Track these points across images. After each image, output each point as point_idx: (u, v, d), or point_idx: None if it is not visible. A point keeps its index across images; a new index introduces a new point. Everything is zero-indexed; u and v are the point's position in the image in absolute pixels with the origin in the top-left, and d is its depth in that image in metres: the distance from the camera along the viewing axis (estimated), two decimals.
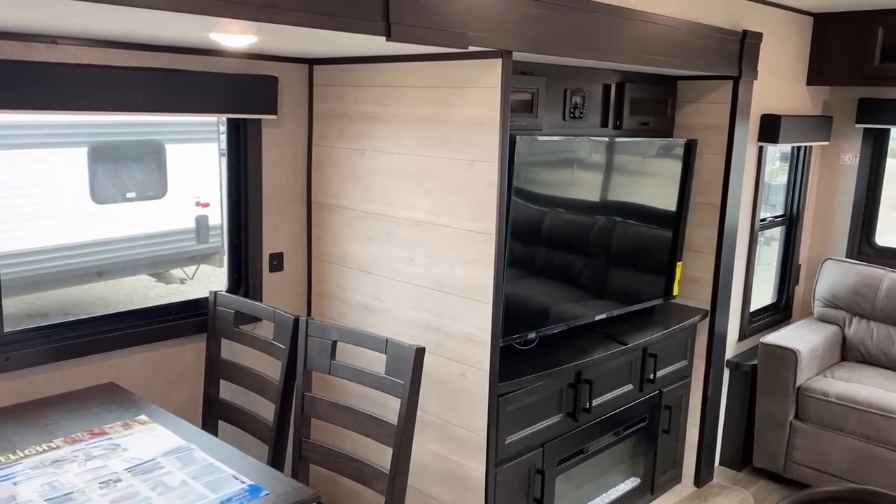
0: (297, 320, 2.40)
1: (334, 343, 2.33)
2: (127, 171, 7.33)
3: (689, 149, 3.31)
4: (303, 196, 2.96)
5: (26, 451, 2.00)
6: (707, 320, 3.44)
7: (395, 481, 2.14)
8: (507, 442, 2.57)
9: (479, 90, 2.32)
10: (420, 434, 2.66)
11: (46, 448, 2.02)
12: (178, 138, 7.59)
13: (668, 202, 3.30)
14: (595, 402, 2.93)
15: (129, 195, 7.38)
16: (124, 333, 2.54)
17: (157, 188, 7.61)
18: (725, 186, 3.34)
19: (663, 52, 2.80)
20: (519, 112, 2.69)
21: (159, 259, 7.79)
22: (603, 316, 3.08)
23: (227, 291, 2.80)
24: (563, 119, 2.95)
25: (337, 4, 1.83)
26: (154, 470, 1.92)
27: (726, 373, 3.69)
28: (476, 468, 2.51)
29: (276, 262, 2.92)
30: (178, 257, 7.94)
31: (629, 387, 3.11)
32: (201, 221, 7.94)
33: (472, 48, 2.18)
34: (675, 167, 3.28)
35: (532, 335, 2.79)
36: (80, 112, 2.30)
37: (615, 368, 3.01)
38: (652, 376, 3.19)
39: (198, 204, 7.86)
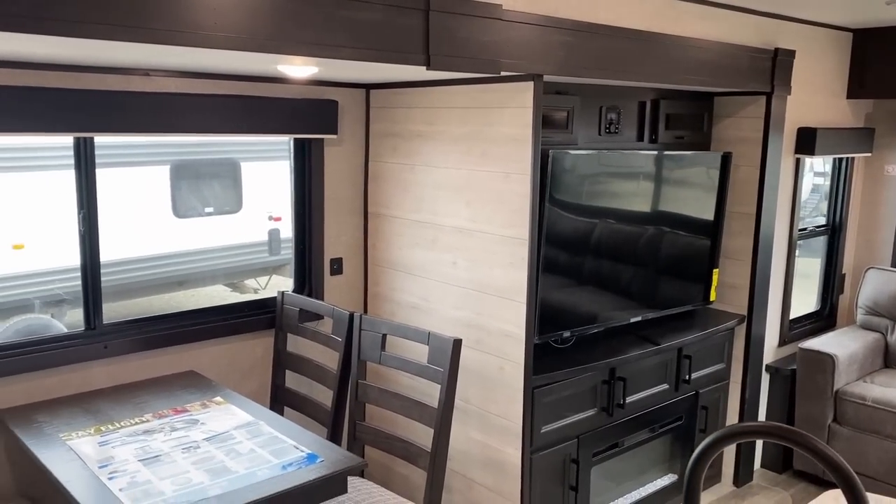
0: (352, 315, 2.70)
1: (384, 336, 2.62)
2: (206, 187, 7.87)
3: (725, 161, 3.48)
4: (360, 207, 3.27)
5: (122, 423, 2.35)
6: (744, 325, 3.59)
7: (436, 458, 2.40)
8: (542, 431, 2.80)
9: (514, 110, 2.59)
10: (463, 423, 2.91)
11: (138, 421, 2.37)
12: (253, 156, 8.10)
13: (705, 212, 3.47)
14: (629, 398, 3.12)
15: (207, 210, 7.91)
16: (203, 328, 2.89)
17: (233, 203, 8.12)
18: (760, 197, 3.50)
19: (693, 72, 3.00)
20: (554, 128, 2.94)
21: (235, 270, 8.30)
22: (638, 318, 3.27)
23: (293, 291, 3.12)
24: (599, 134, 3.18)
25: (383, 40, 2.13)
26: (227, 440, 2.24)
27: (766, 377, 3.81)
28: (513, 454, 2.75)
29: (336, 266, 3.24)
30: (251, 268, 8.43)
31: (664, 386, 3.29)
32: (274, 234, 8.42)
33: (505, 73, 2.45)
34: (712, 178, 3.46)
35: (567, 334, 3.01)
36: (169, 134, 2.66)
37: (649, 368, 3.19)
38: (687, 377, 3.36)
39: (270, 218, 8.34)
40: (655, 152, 3.23)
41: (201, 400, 2.55)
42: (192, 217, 7.72)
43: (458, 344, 2.39)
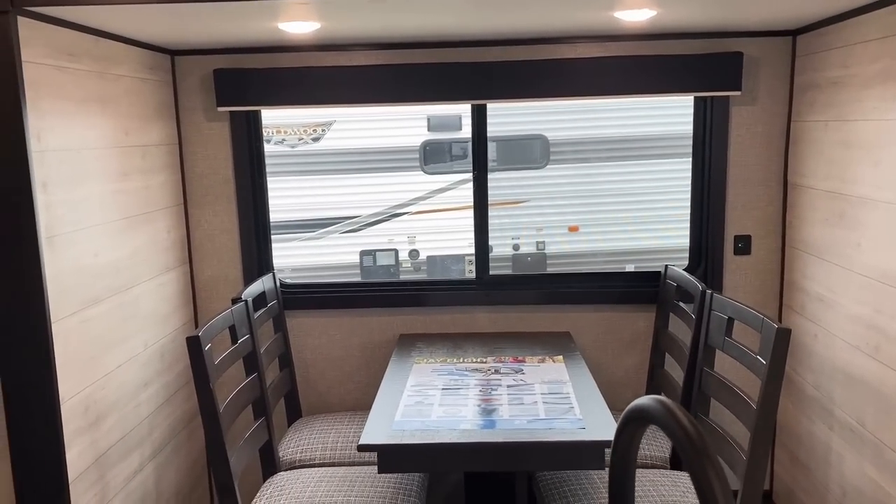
0: (703, 293, 2.36)
1: (730, 319, 2.21)
2: None
3: None
4: (775, 176, 2.77)
5: (464, 360, 2.57)
6: None
7: (749, 472, 1.93)
8: None
9: None
10: (857, 452, 2.24)
11: (478, 361, 2.56)
12: None
13: None
14: None
15: None
16: (579, 292, 2.90)
17: None
18: None
19: None
20: None
21: None
22: None
23: (685, 269, 2.86)
24: None
25: None
26: (524, 390, 2.25)
27: None
28: None
29: (742, 244, 2.83)
30: None
31: None
32: None
33: None
34: None
35: None
36: (583, 97, 2.75)
37: None
38: None
39: None
40: None
41: (543, 356, 2.59)
42: None
43: (783, 334, 1.86)
